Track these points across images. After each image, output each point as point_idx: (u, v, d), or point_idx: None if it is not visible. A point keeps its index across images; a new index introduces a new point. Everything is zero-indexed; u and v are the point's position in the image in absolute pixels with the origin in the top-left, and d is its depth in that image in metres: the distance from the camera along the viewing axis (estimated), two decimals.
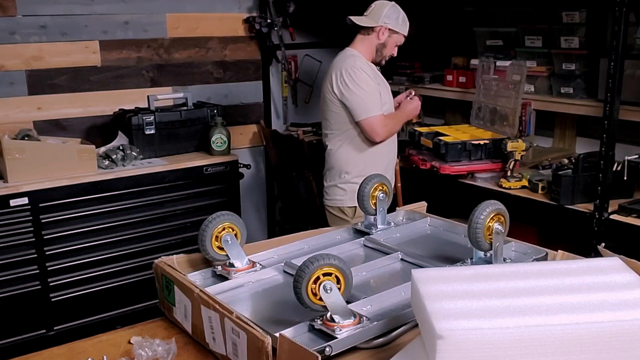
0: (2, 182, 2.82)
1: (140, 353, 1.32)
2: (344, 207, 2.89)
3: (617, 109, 2.42)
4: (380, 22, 2.83)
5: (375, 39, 2.86)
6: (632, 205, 2.45)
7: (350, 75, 2.76)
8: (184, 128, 3.38)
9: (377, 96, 2.80)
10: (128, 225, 3.12)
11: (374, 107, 2.77)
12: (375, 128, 2.77)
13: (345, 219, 2.86)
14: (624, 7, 2.29)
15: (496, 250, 1.52)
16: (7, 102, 3.25)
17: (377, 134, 2.78)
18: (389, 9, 2.85)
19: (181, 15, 3.70)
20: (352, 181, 2.82)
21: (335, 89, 2.80)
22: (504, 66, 3.13)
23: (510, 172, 2.84)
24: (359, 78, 2.76)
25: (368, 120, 2.76)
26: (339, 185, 2.89)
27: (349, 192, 2.83)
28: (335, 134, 2.88)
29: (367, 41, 2.87)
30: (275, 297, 1.51)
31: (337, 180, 2.89)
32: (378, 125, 2.77)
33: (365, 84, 2.77)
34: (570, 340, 1.00)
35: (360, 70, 2.78)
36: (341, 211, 2.90)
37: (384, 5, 2.87)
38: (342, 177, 2.88)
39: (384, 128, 2.79)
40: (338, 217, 2.90)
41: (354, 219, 2.83)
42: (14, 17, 3.21)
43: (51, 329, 2.97)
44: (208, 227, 1.55)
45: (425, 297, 1.10)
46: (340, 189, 2.88)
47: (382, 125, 2.78)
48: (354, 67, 2.78)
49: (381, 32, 2.84)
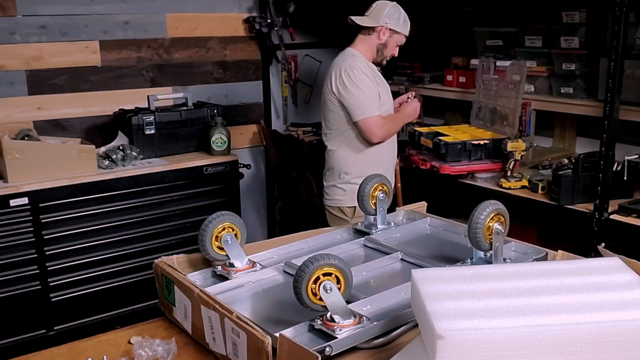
0: (2, 182, 2.82)
1: (140, 353, 1.32)
2: (343, 207, 2.89)
3: (617, 109, 2.43)
4: (381, 22, 2.83)
5: (376, 39, 2.86)
6: (632, 205, 2.45)
7: (348, 75, 2.76)
8: (184, 128, 3.38)
9: (375, 97, 2.79)
10: (128, 225, 3.12)
11: (371, 108, 2.76)
12: (372, 129, 2.77)
13: (345, 218, 2.86)
14: (624, 7, 2.29)
15: (496, 250, 1.52)
16: (7, 102, 3.25)
17: (374, 134, 2.77)
18: (390, 9, 2.85)
19: (181, 15, 3.70)
20: (351, 181, 2.82)
21: (334, 89, 2.80)
22: (504, 66, 3.13)
23: (510, 172, 2.84)
24: (357, 78, 2.76)
25: (365, 121, 2.76)
26: (339, 185, 2.89)
27: (348, 192, 2.84)
28: (335, 134, 2.88)
29: (368, 41, 2.87)
30: (275, 297, 1.51)
31: (337, 181, 2.90)
32: (375, 126, 2.77)
33: (364, 85, 2.76)
34: (570, 340, 1.00)
35: (359, 71, 2.77)
36: (341, 211, 2.90)
37: (385, 5, 2.87)
38: (341, 177, 2.88)
39: (382, 129, 2.78)
40: (338, 217, 2.90)
41: (353, 218, 2.83)
42: (14, 17, 3.21)
43: (51, 329, 2.97)
44: (208, 227, 1.55)
45: (425, 297, 1.10)
46: (340, 189, 2.88)
47: (379, 126, 2.78)
48: (353, 67, 2.78)
49: (382, 33, 2.85)
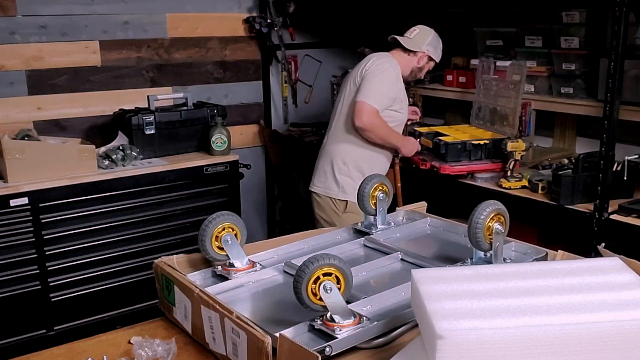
0: (2, 182, 2.82)
1: (140, 353, 1.32)
2: (335, 199, 2.91)
3: (617, 109, 2.42)
4: (423, 48, 2.95)
5: (415, 62, 2.97)
6: (632, 205, 2.45)
7: (377, 66, 2.84)
8: (184, 128, 3.38)
9: (387, 96, 2.83)
10: (128, 225, 3.12)
11: (376, 98, 2.78)
12: (363, 113, 2.76)
13: (335, 210, 2.89)
14: (624, 7, 2.29)
15: (496, 250, 1.52)
16: (7, 102, 3.25)
17: (360, 118, 2.76)
18: (433, 37, 2.98)
19: (181, 15, 3.70)
20: (350, 175, 2.86)
21: (358, 77, 2.86)
22: (504, 66, 3.13)
23: (510, 172, 2.84)
24: (384, 72, 2.83)
25: (363, 103, 2.77)
26: (336, 176, 2.90)
27: (341, 185, 2.87)
28: (342, 131, 2.90)
29: (408, 60, 2.97)
30: (275, 297, 1.51)
31: (330, 171, 2.92)
32: (367, 113, 2.76)
33: (386, 80, 2.83)
34: (570, 340, 1.00)
35: (390, 70, 2.84)
36: (332, 202, 2.92)
37: (428, 32, 2.98)
38: (337, 168, 2.90)
39: (370, 120, 2.77)
40: (323, 207, 2.93)
41: (344, 213, 2.87)
42: (14, 17, 3.21)
43: (51, 329, 2.97)
44: (208, 227, 1.56)
45: (425, 297, 1.10)
46: (334, 181, 2.90)
47: (370, 115, 2.76)
48: (386, 64, 2.85)
49: (422, 58, 2.98)
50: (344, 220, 2.81)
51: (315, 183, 2.99)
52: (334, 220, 2.90)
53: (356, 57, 3.73)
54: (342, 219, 2.85)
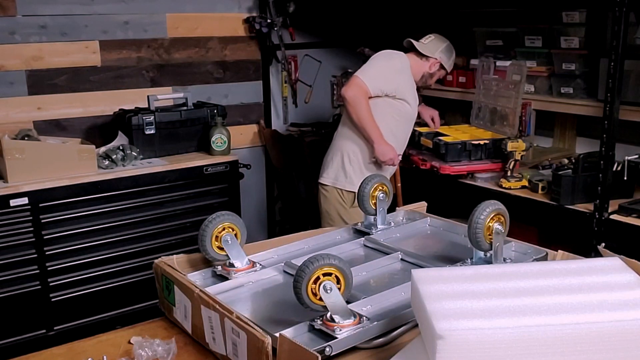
0: (2, 182, 2.82)
1: (140, 353, 1.32)
2: (343, 190, 2.90)
3: (617, 109, 2.42)
4: (436, 55, 3.00)
5: (427, 67, 3.01)
6: (632, 205, 2.45)
7: (387, 55, 2.89)
8: (184, 128, 3.38)
9: (383, 82, 2.82)
10: (128, 225, 3.12)
11: (371, 79, 2.79)
12: (351, 85, 2.77)
13: (342, 203, 2.89)
14: (624, 7, 2.29)
15: (496, 250, 1.52)
16: (7, 102, 3.25)
17: (346, 90, 2.77)
18: (446, 46, 3.04)
19: (181, 15, 3.70)
20: (359, 166, 2.87)
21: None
22: (504, 66, 3.13)
23: (510, 172, 2.84)
24: (390, 61, 2.88)
25: (356, 77, 2.79)
26: (345, 167, 2.90)
27: (350, 176, 2.88)
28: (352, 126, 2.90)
29: (420, 64, 3.00)
30: (275, 297, 1.51)
31: (340, 162, 2.91)
32: (355, 87, 2.77)
33: (390, 68, 2.86)
34: (570, 340, 1.00)
35: (397, 61, 2.88)
36: (338, 194, 2.91)
37: (443, 41, 3.04)
38: (348, 159, 2.89)
39: (355, 94, 2.75)
40: (330, 200, 2.92)
41: (350, 207, 2.87)
42: (14, 17, 3.21)
43: (51, 329, 2.97)
44: (208, 227, 1.56)
45: (425, 297, 1.10)
46: (343, 171, 2.90)
47: (358, 90, 2.76)
48: (395, 55, 2.89)
49: (434, 65, 3.02)
50: (351, 215, 2.81)
51: (323, 175, 2.98)
52: (341, 214, 2.89)
53: (356, 57, 3.74)
54: (350, 213, 2.85)
